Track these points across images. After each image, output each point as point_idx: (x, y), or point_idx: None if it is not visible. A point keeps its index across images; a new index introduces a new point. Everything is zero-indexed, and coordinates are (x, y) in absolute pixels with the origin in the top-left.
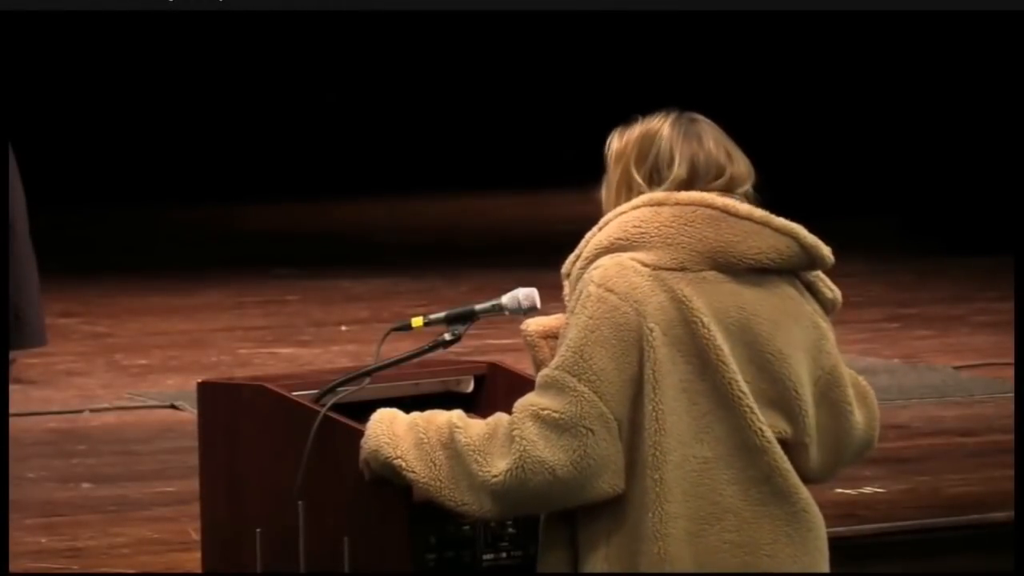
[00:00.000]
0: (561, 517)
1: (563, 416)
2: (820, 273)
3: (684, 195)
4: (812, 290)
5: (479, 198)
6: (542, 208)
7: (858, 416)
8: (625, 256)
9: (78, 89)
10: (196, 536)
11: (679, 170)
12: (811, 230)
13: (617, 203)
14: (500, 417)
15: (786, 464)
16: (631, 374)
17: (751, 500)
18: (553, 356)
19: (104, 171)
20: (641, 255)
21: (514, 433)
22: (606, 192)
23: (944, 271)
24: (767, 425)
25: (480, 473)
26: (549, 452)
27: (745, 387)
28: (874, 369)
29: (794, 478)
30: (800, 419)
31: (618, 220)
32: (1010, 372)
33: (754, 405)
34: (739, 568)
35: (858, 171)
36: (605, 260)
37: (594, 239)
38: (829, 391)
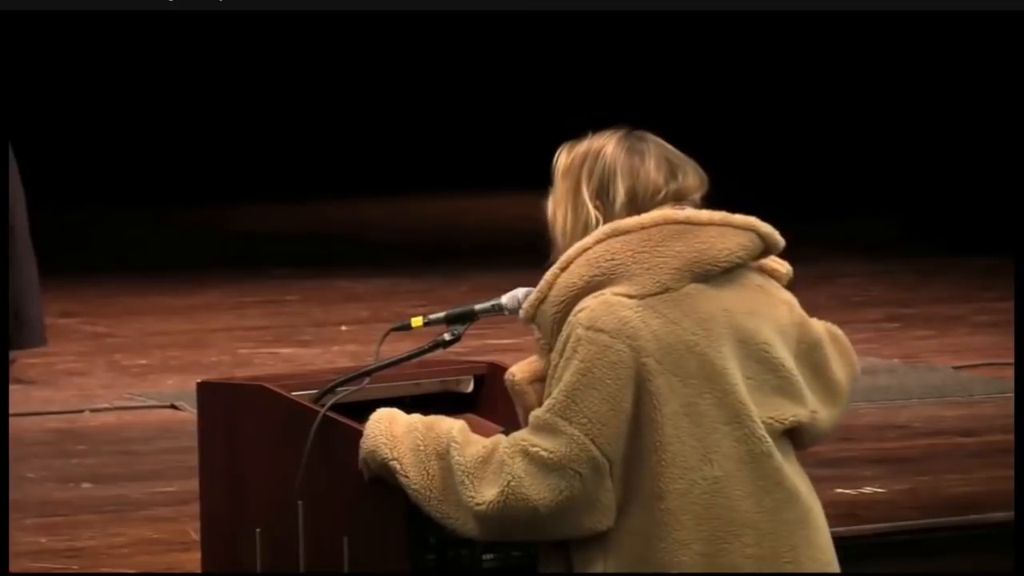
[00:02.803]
0: (556, 546)
1: (553, 456)
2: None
3: (646, 218)
4: (765, 270)
5: (479, 198)
6: (542, 208)
7: (837, 365)
8: (608, 292)
9: (78, 89)
10: (196, 536)
11: (620, 192)
12: (813, 229)
13: (563, 219)
14: (498, 442)
15: (786, 466)
16: (627, 412)
17: (765, 510)
18: (539, 401)
19: (104, 171)
20: (623, 288)
21: (504, 468)
22: (552, 207)
23: (944, 271)
24: (765, 428)
25: (466, 495)
26: (534, 490)
27: (744, 395)
28: (874, 369)
29: (794, 478)
30: (803, 396)
31: (584, 257)
32: (1010, 372)
33: (753, 413)
34: None
35: (858, 171)
36: (589, 301)
37: (560, 280)
38: (810, 355)
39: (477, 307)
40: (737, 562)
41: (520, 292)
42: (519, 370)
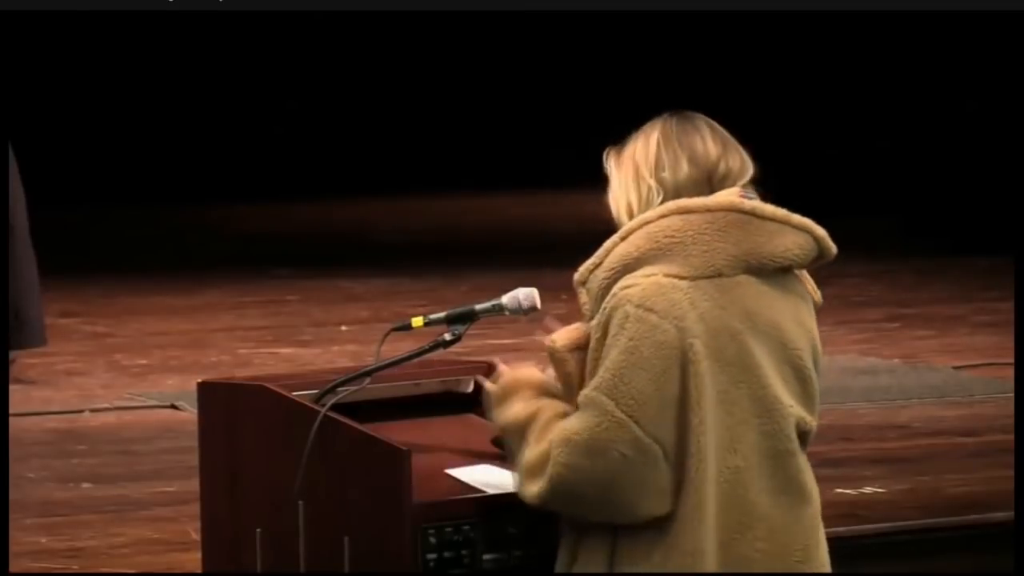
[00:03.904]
0: (602, 529)
1: (595, 439)
2: (806, 274)
3: (712, 201)
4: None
5: (479, 198)
6: (542, 208)
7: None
8: (659, 272)
9: (78, 89)
10: (196, 536)
11: (684, 163)
12: None
13: (628, 204)
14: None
15: (807, 466)
16: (673, 393)
17: (780, 507)
18: (579, 369)
19: (104, 171)
20: (676, 267)
21: (547, 463)
22: (613, 196)
23: (944, 271)
24: (795, 428)
25: (522, 490)
26: (577, 479)
27: (779, 391)
28: (874, 369)
29: (812, 480)
30: (816, 406)
31: (645, 230)
32: (1010, 372)
33: (787, 411)
34: None
35: (858, 171)
36: (640, 279)
37: (618, 248)
38: (816, 370)
39: (477, 307)
40: (747, 554)
41: (520, 292)
42: (559, 337)
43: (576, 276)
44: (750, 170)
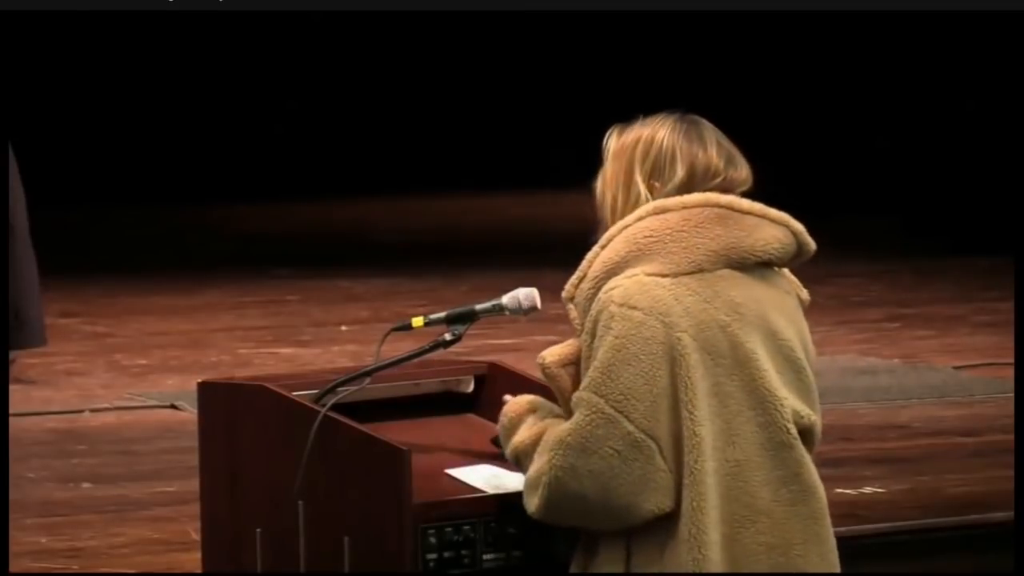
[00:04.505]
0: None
1: (587, 438)
2: (790, 275)
3: (689, 198)
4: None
5: (479, 198)
6: (542, 208)
7: None
8: (640, 272)
9: (78, 89)
10: (196, 536)
11: (679, 172)
12: (813, 229)
13: (613, 199)
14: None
15: (808, 460)
16: (663, 388)
17: (782, 500)
18: (574, 384)
19: (104, 171)
20: (656, 266)
21: (542, 471)
22: (602, 187)
23: (944, 271)
24: (792, 420)
25: (527, 507)
26: (576, 482)
27: (773, 383)
28: (874, 369)
29: (815, 474)
30: (815, 400)
31: (624, 234)
32: (1010, 372)
33: (781, 402)
34: (772, 570)
35: (858, 171)
36: (622, 280)
37: (599, 257)
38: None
39: (478, 307)
40: (750, 547)
41: (520, 292)
42: (550, 354)
43: (563, 294)
44: (750, 181)
